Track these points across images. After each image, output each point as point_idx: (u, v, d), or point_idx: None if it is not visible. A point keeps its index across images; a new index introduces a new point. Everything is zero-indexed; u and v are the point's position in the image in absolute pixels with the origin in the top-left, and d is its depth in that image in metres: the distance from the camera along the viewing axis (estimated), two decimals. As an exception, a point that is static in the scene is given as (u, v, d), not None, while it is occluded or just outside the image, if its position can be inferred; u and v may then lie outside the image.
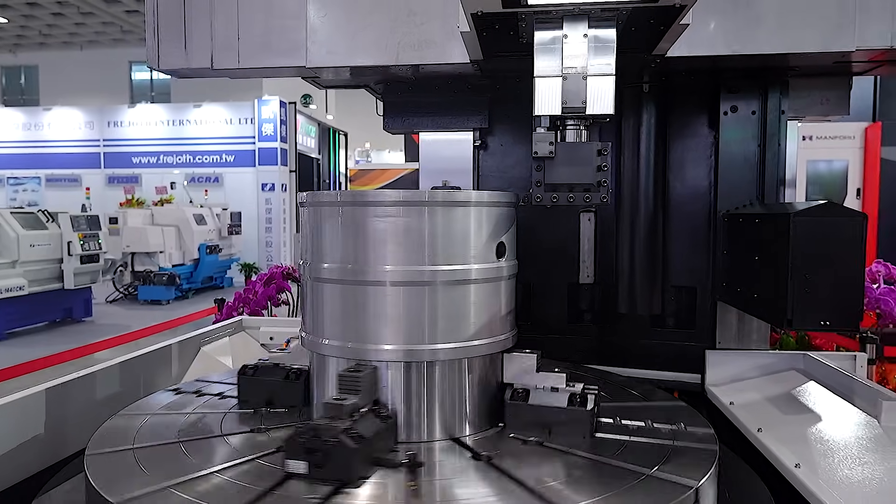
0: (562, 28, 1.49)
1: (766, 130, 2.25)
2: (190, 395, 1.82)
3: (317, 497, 1.18)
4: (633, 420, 1.59)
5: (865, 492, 1.48)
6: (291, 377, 1.68)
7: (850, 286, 1.66)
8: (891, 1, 1.82)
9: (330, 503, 1.17)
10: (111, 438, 1.49)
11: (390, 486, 1.26)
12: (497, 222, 1.59)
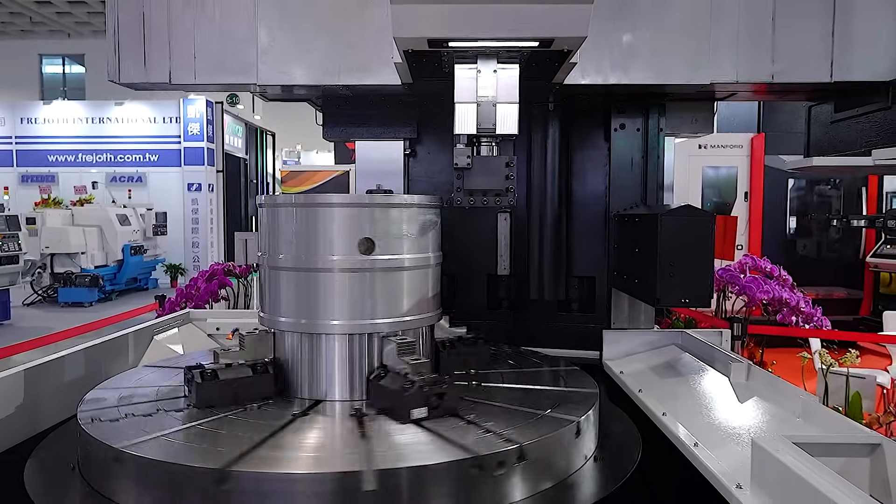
0: (476, 64, 1.85)
1: (648, 145, 2.70)
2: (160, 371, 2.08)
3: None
4: (537, 382, 1.98)
5: (711, 428, 1.90)
6: (259, 370, 1.89)
7: (702, 272, 2.11)
8: (735, 45, 2.28)
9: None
10: (98, 403, 1.74)
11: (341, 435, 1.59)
12: (425, 220, 1.94)
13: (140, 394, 1.83)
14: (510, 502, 1.43)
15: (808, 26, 2.30)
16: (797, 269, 7.19)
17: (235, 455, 1.38)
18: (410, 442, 1.48)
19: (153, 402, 1.74)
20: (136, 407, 1.70)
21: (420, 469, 1.36)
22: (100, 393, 1.85)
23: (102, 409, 1.68)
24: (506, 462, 1.42)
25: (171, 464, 1.36)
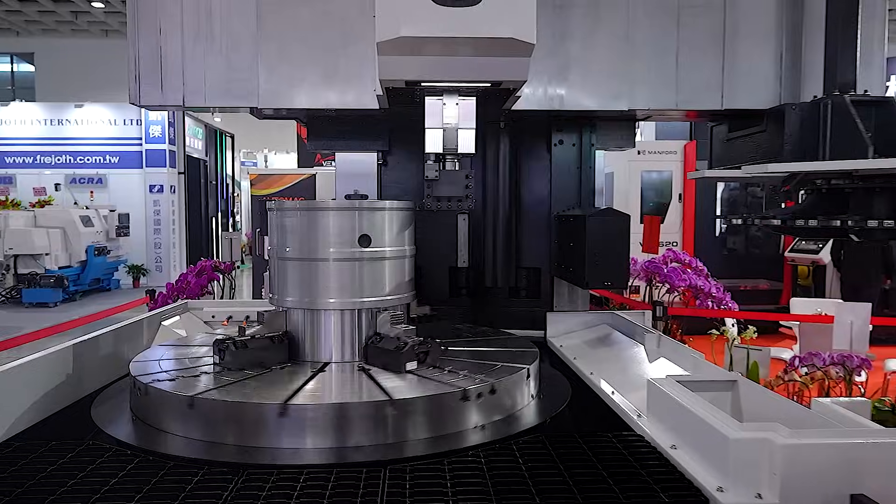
0: (442, 97, 2.36)
1: (582, 157, 3.26)
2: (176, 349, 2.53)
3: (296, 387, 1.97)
4: (492, 346, 2.51)
5: (625, 380, 2.45)
6: (276, 341, 2.36)
7: (620, 261, 2.67)
8: (647, 79, 2.85)
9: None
10: (143, 368, 2.19)
11: (341, 383, 2.08)
12: (402, 221, 2.44)
13: (175, 364, 2.29)
14: (477, 425, 1.95)
15: (703, 64, 2.88)
16: (727, 263, 7.98)
17: (288, 394, 1.87)
18: (409, 384, 2.00)
19: (191, 368, 2.19)
20: (181, 371, 2.16)
21: (420, 398, 1.87)
22: (140, 366, 2.27)
23: (153, 373, 2.13)
24: (482, 394, 1.95)
25: (240, 402, 1.84)
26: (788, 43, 2.86)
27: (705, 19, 2.85)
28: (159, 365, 2.25)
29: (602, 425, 2.05)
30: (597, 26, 2.84)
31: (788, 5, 2.87)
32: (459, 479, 1.60)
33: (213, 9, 2.83)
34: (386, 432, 1.85)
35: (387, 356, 2.09)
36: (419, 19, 2.02)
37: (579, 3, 2.81)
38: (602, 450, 1.80)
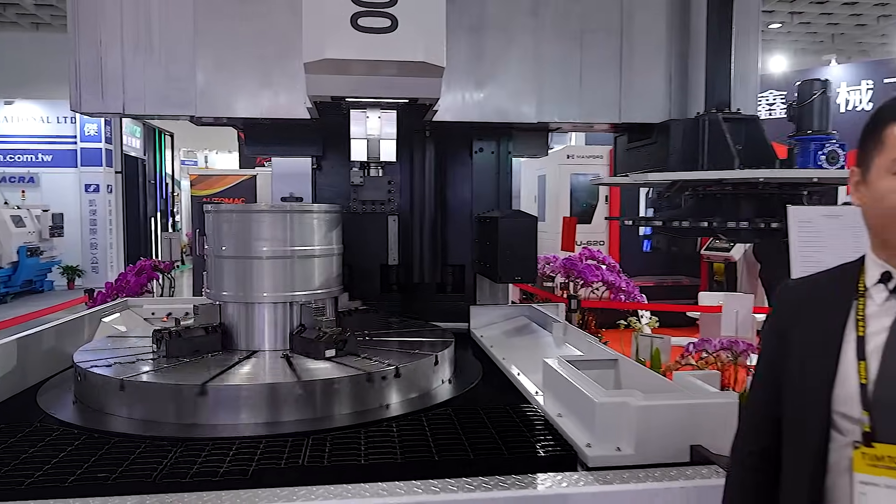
0: (366, 111, 2.61)
1: (500, 164, 3.57)
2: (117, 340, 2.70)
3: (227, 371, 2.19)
4: (414, 336, 2.77)
5: (532, 363, 2.76)
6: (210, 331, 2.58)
7: (529, 257, 2.98)
8: (554, 95, 3.18)
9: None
10: (86, 357, 2.36)
11: (271, 368, 2.31)
12: (330, 222, 2.69)
13: (116, 353, 2.47)
14: (391, 402, 2.22)
15: (603, 82, 3.23)
16: (650, 261, 8.49)
17: (209, 377, 2.08)
18: (323, 368, 2.24)
19: (131, 357, 2.39)
20: (121, 359, 2.35)
21: (329, 380, 2.12)
22: (83, 355, 2.45)
23: (95, 361, 2.31)
24: (387, 377, 2.21)
25: (164, 384, 2.05)
26: (677, 65, 3.24)
27: (605, 42, 3.20)
28: (101, 354, 2.44)
29: (504, 400, 2.35)
30: (509, 47, 3.15)
31: (677, 32, 3.24)
32: (372, 443, 1.86)
33: (152, 21, 3.00)
34: (310, 410, 2.10)
35: (308, 345, 2.33)
36: (342, 43, 2.27)
37: (492, 26, 3.11)
38: (499, 419, 2.10)
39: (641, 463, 1.72)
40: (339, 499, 1.50)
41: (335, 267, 2.71)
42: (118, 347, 2.57)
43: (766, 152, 2.76)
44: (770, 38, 19.57)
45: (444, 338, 2.74)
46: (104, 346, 2.61)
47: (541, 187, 8.55)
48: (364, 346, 2.54)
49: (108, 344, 2.64)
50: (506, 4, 3.14)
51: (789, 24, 18.18)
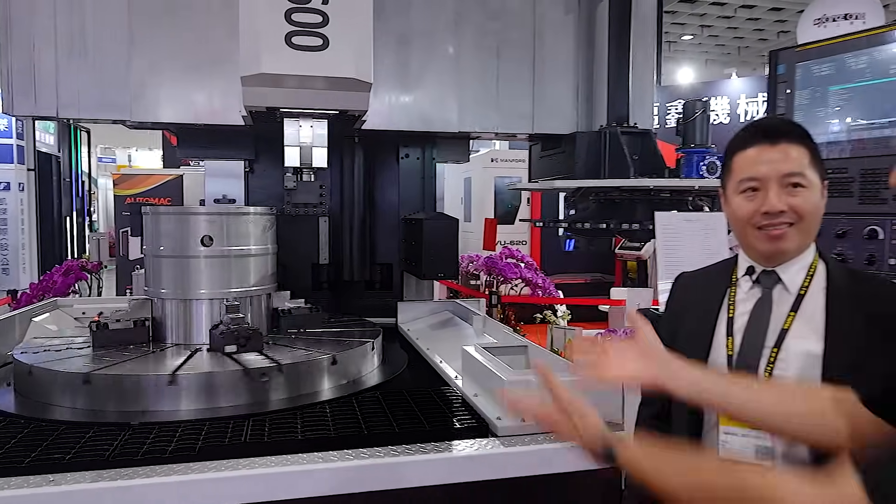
0: (299, 120, 2.81)
1: (425, 169, 3.83)
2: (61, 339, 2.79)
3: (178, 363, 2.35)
4: (344, 328, 2.99)
5: (453, 353, 3.02)
6: (139, 324, 2.72)
7: (451, 256, 3.25)
8: (473, 105, 3.46)
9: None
10: (27, 350, 2.46)
11: (209, 358, 2.47)
12: (264, 223, 2.87)
13: (57, 347, 2.57)
14: (324, 388, 2.43)
15: (518, 94, 3.54)
16: (570, 260, 8.97)
17: (161, 368, 2.24)
18: (256, 358, 2.43)
19: (71, 350, 2.50)
20: (63, 352, 2.46)
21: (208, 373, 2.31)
22: (22, 350, 2.54)
23: (36, 354, 2.42)
24: (319, 365, 2.43)
25: (106, 375, 2.19)
26: (583, 82, 3.59)
27: (519, 58, 3.51)
28: (39, 349, 2.53)
29: (428, 385, 2.61)
30: (432, 60, 3.41)
31: (583, 52, 3.59)
32: (308, 423, 2.08)
33: (86, 26, 3.08)
34: (249, 396, 2.29)
35: (215, 340, 2.50)
36: (276, 59, 2.47)
37: (417, 39, 3.36)
38: (422, 400, 2.35)
39: (544, 431, 2.01)
40: (281, 466, 1.71)
41: (269, 265, 2.89)
42: (54, 344, 2.66)
43: (658, 162, 3.13)
44: (683, 49, 20.74)
45: (372, 330, 2.97)
46: (43, 342, 2.69)
47: (467, 189, 8.88)
48: (298, 339, 2.74)
49: (47, 341, 2.73)
50: (429, 20, 3.40)
51: (700, 36, 19.33)
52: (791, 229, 1.41)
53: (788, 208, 1.39)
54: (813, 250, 1.50)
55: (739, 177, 1.46)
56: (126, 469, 1.67)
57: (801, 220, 1.41)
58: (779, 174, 1.40)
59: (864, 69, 1.68)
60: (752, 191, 1.44)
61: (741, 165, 1.46)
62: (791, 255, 1.45)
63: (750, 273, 1.52)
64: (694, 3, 16.19)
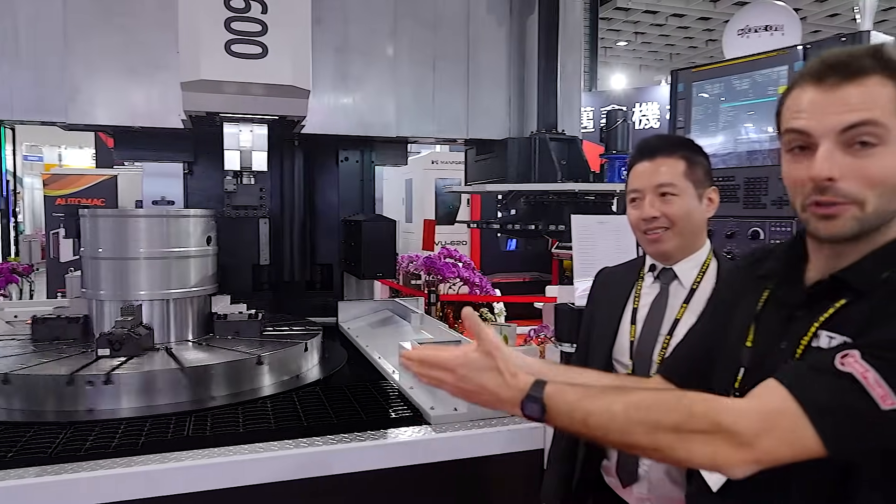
0: (239, 125, 2.88)
1: (364, 172, 3.94)
2: None
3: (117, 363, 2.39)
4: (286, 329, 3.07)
5: (391, 349, 3.15)
6: (73, 321, 2.76)
7: (388, 256, 3.38)
8: (411, 111, 3.59)
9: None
10: (-38, 357, 2.45)
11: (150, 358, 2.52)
12: (205, 225, 2.92)
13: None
14: (264, 385, 2.52)
15: (453, 102, 3.69)
16: (509, 259, 9.21)
17: (78, 368, 2.28)
18: (198, 356, 2.50)
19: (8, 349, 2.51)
20: None
21: (204, 366, 2.39)
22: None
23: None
24: (259, 363, 2.51)
25: (41, 376, 2.22)
26: (515, 90, 3.77)
27: (454, 67, 3.66)
28: (-24, 353, 2.53)
29: (366, 379, 2.73)
30: (371, 67, 3.52)
31: (515, 62, 3.78)
32: (249, 417, 2.17)
33: (19, 28, 3.06)
34: (190, 394, 2.35)
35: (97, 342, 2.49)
36: (216, 65, 2.53)
37: (355, 48, 3.47)
38: (360, 393, 2.47)
39: (474, 418, 2.16)
40: (223, 457, 1.80)
41: (210, 266, 2.95)
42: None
43: (584, 167, 3.34)
44: (618, 54, 21.46)
45: (311, 329, 3.06)
46: (-21, 344, 2.68)
47: (408, 191, 9.01)
48: (240, 339, 2.81)
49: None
50: (367, 30, 3.51)
51: (634, 42, 20.04)
52: (667, 233, 1.63)
53: (661, 214, 1.61)
54: (707, 249, 1.71)
55: (629, 188, 1.67)
56: (70, 464, 1.73)
57: (674, 224, 1.63)
58: (651, 185, 1.63)
59: (748, 90, 1.90)
60: (636, 200, 1.65)
61: (630, 179, 1.69)
62: (674, 255, 1.66)
63: (652, 270, 1.72)
64: (628, 10, 16.80)
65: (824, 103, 1.03)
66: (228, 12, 2.53)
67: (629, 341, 1.65)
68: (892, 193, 1.01)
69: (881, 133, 0.99)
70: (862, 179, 1.00)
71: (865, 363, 0.94)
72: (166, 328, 2.76)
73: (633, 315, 1.68)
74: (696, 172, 1.64)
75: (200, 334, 2.88)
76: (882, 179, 1.00)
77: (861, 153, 1.01)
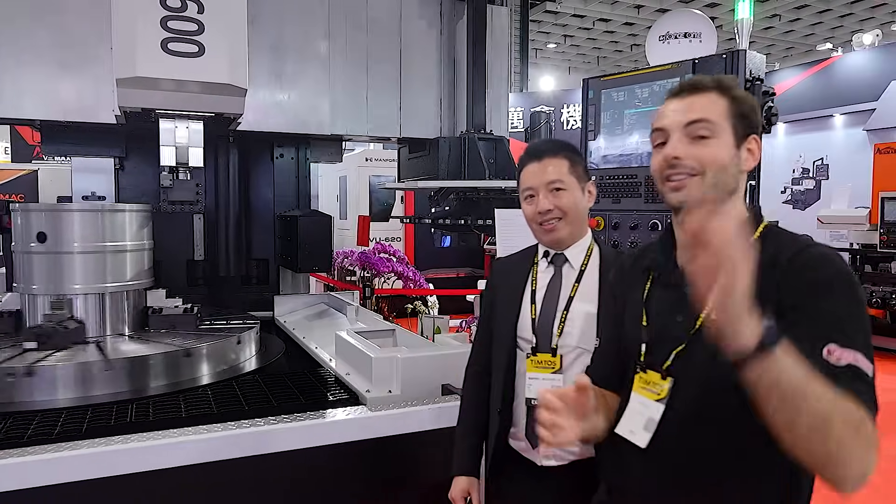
0: (175, 121, 2.92)
1: (300, 169, 4.03)
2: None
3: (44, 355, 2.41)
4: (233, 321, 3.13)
5: (327, 339, 3.26)
6: (5, 316, 2.75)
7: (324, 250, 3.49)
8: (345, 110, 3.71)
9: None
10: None
11: (83, 350, 2.55)
12: (140, 220, 2.96)
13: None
14: (203, 374, 2.59)
15: (386, 102, 3.83)
16: (444, 255, 9.42)
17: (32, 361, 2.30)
18: (136, 348, 2.55)
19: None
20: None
21: (142, 357, 2.45)
22: None
23: None
24: (194, 353, 2.58)
25: None
26: (446, 91, 3.94)
27: (386, 69, 3.79)
28: None
29: (304, 368, 2.84)
30: (306, 67, 3.61)
31: (445, 65, 3.94)
32: (191, 404, 2.25)
33: (-60, 19, 3.00)
34: (129, 384, 2.41)
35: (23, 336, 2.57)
36: (152, 63, 2.59)
37: (291, 48, 3.55)
38: (299, 380, 2.58)
39: (407, 399, 2.32)
40: (168, 438, 1.89)
41: (146, 260, 2.99)
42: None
43: (510, 165, 3.55)
44: (548, 56, 22.02)
45: (248, 322, 3.14)
46: None
47: (342, 188, 9.06)
48: (176, 333, 2.86)
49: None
50: (302, 30, 3.59)
51: (563, 45, 20.61)
52: (560, 223, 1.85)
53: (554, 207, 1.83)
54: (590, 236, 1.95)
55: (522, 187, 1.89)
56: (12, 450, 1.78)
57: (565, 215, 1.86)
58: (543, 183, 1.84)
59: (647, 98, 2.13)
60: (530, 197, 1.86)
61: (522, 180, 1.91)
62: (566, 242, 1.88)
63: (546, 256, 1.93)
64: (557, 14, 17.31)
65: (676, 109, 1.40)
66: (165, 11, 2.58)
67: (531, 319, 1.86)
68: (723, 172, 1.35)
69: (714, 129, 1.36)
70: (698, 159, 1.35)
71: (846, 349, 1.13)
72: (101, 322, 2.79)
73: (533, 296, 1.89)
74: (578, 169, 1.88)
75: (136, 328, 2.91)
76: (712, 160, 1.35)
77: (699, 143, 1.36)
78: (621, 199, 2.23)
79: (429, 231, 9.45)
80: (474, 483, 1.94)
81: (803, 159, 12.71)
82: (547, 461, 1.81)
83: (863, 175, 9.13)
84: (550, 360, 1.81)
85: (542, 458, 1.80)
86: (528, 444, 1.84)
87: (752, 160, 1.40)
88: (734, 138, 1.37)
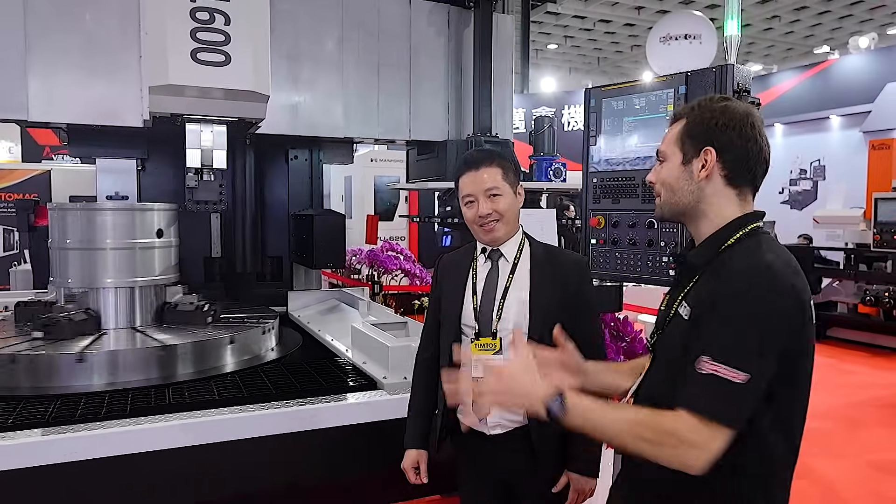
0: (200, 125, 3.10)
1: (313, 170, 4.21)
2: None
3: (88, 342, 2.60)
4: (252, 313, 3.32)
5: (342, 331, 3.44)
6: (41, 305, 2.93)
7: (338, 248, 3.67)
8: (358, 114, 3.89)
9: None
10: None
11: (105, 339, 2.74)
12: (168, 218, 3.14)
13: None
14: (229, 362, 2.78)
15: (397, 106, 4.01)
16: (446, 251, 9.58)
17: (82, 347, 2.49)
18: (168, 337, 2.73)
19: None
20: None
21: (173, 346, 2.63)
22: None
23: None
24: (234, 341, 2.76)
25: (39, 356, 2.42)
26: (453, 95, 4.13)
27: (397, 74, 3.98)
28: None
29: (323, 358, 3.02)
30: (319, 73, 3.79)
31: (453, 70, 4.12)
32: (222, 388, 2.44)
33: (-22, 30, 3.18)
34: (163, 371, 2.59)
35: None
36: (183, 71, 2.77)
37: (306, 56, 3.73)
38: (319, 368, 2.77)
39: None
40: (206, 417, 2.08)
41: (173, 257, 3.17)
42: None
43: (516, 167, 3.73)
44: (549, 56, 22.19)
45: (268, 315, 3.32)
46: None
47: (348, 188, 9.24)
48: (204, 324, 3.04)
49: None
50: (316, 39, 3.78)
51: (563, 46, 20.77)
52: (497, 224, 2.07)
53: (493, 211, 2.05)
54: (521, 233, 2.16)
55: (462, 194, 2.11)
56: (66, 427, 1.96)
57: (502, 216, 2.07)
58: (482, 190, 2.05)
59: (644, 107, 2.30)
60: (470, 203, 2.08)
61: (462, 187, 2.11)
62: (503, 239, 2.12)
63: (484, 252, 2.13)
64: (558, 15, 17.49)
65: None
66: (194, 23, 2.76)
67: (472, 308, 2.06)
68: (671, 192, 1.54)
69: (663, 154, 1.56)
70: (658, 181, 1.58)
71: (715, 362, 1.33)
72: (130, 314, 2.97)
73: (474, 288, 2.10)
74: (510, 175, 2.10)
75: (159, 321, 3.09)
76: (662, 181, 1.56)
77: (658, 167, 1.58)
78: (620, 199, 2.41)
79: (433, 230, 9.62)
80: (423, 455, 2.16)
81: (800, 160, 12.92)
82: (493, 430, 2.01)
83: (859, 176, 9.32)
84: (491, 343, 2.03)
85: (489, 429, 2.01)
86: (475, 418, 2.04)
87: (705, 171, 1.48)
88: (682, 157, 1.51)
